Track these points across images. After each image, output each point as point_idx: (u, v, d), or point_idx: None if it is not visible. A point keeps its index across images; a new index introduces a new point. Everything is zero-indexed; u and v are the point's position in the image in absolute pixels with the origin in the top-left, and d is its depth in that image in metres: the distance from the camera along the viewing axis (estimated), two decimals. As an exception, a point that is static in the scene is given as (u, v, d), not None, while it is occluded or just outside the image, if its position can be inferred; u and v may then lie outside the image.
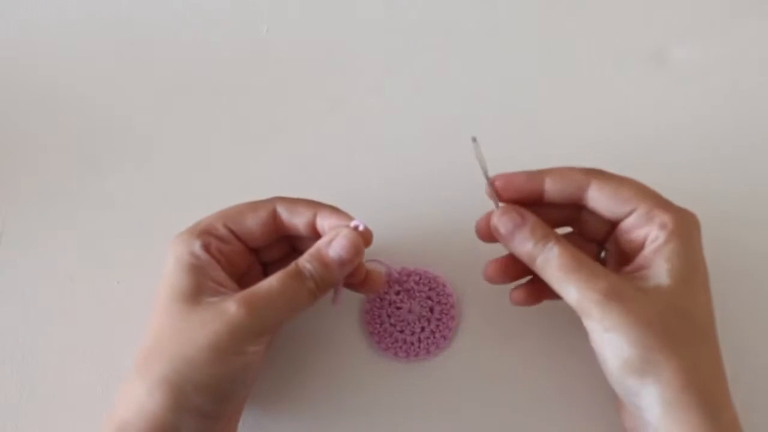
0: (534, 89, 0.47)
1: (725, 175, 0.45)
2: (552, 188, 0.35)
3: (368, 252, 0.37)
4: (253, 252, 0.38)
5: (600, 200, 0.35)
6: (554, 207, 0.36)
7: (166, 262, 0.35)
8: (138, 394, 0.32)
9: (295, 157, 0.45)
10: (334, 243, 0.35)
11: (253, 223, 0.37)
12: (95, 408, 0.39)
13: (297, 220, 0.37)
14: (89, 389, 0.40)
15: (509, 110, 0.46)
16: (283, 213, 0.37)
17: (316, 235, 0.37)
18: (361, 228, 0.36)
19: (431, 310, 0.41)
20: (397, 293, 0.41)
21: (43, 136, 0.45)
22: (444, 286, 0.41)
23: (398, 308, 0.41)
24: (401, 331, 0.40)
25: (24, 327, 0.41)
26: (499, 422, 0.40)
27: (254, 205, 0.37)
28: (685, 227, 0.33)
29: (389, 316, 0.41)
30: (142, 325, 0.40)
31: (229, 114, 0.46)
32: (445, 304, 0.41)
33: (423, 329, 0.41)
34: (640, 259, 0.34)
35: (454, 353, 0.41)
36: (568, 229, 0.38)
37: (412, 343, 0.40)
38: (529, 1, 0.49)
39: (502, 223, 0.35)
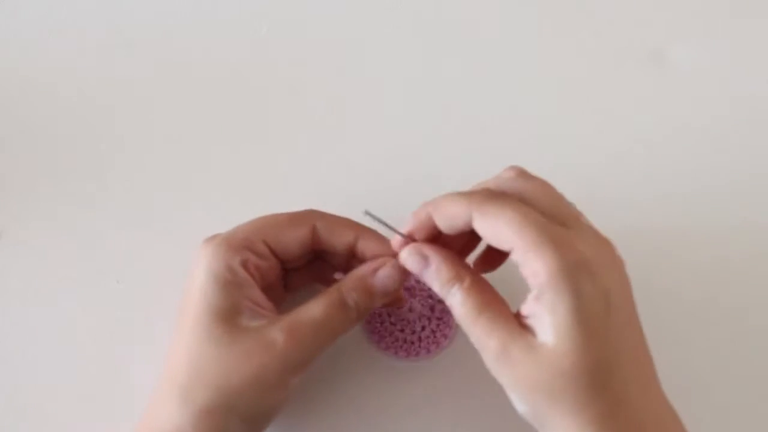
0: (534, 89, 0.47)
1: (725, 174, 0.45)
2: (443, 225, 0.32)
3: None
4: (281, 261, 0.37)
5: (484, 234, 0.31)
6: (457, 237, 0.34)
7: (197, 271, 0.34)
8: (178, 420, 0.32)
9: (295, 157, 0.45)
10: (380, 274, 0.35)
11: (292, 240, 0.35)
12: (95, 408, 0.39)
13: (337, 241, 0.36)
14: (89, 389, 0.40)
15: (509, 110, 0.46)
16: (323, 231, 0.36)
17: (351, 254, 0.36)
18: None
19: (432, 308, 0.41)
20: (398, 292, 0.41)
21: (43, 136, 0.45)
22: (444, 285, 0.41)
23: (399, 307, 0.41)
24: (402, 330, 0.40)
25: (24, 327, 0.41)
26: (500, 422, 0.40)
27: (293, 220, 0.36)
28: (563, 273, 0.29)
29: (390, 315, 0.41)
30: (142, 324, 0.41)
31: (229, 114, 0.46)
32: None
33: (423, 328, 0.40)
34: (528, 300, 0.31)
35: (455, 352, 0.41)
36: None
37: (413, 342, 0.40)
38: (529, 1, 0.49)
39: (409, 263, 0.34)
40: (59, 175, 0.44)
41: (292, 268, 0.38)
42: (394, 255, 0.35)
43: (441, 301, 0.41)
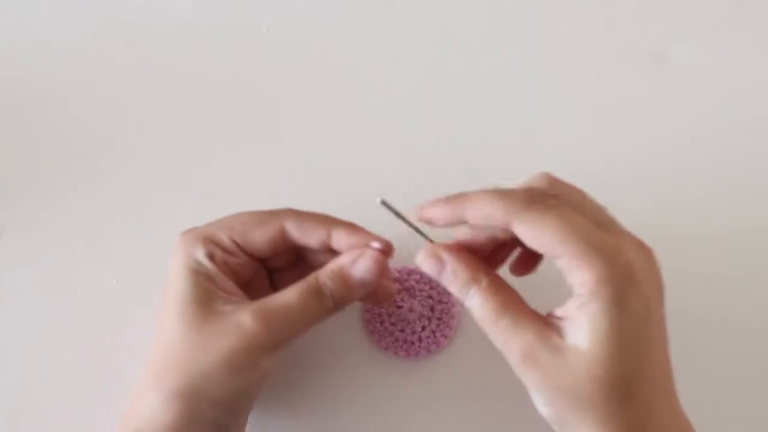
0: (534, 89, 0.47)
1: (725, 175, 0.45)
2: (475, 222, 0.31)
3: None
4: (258, 260, 0.37)
5: (527, 240, 0.30)
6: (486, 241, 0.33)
7: (173, 262, 0.35)
8: (152, 405, 0.32)
9: (295, 157, 0.45)
10: (358, 264, 0.34)
11: (260, 239, 0.35)
12: (95, 408, 0.39)
13: (309, 239, 0.35)
14: (89, 389, 0.40)
15: (509, 110, 0.46)
16: (293, 230, 0.35)
17: (329, 251, 0.36)
18: (379, 247, 0.34)
19: (432, 309, 0.41)
20: (398, 292, 0.41)
21: (43, 136, 0.45)
22: (445, 285, 0.41)
23: (399, 307, 0.41)
24: (402, 330, 0.40)
25: (24, 327, 0.41)
26: (500, 421, 0.40)
27: (261, 218, 0.35)
28: (611, 283, 0.28)
29: (390, 315, 0.41)
30: (142, 324, 0.41)
31: (229, 113, 0.46)
32: (446, 303, 0.41)
33: (423, 328, 0.40)
34: (568, 305, 0.30)
35: (455, 352, 0.41)
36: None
37: (413, 342, 0.40)
38: (529, 1, 0.49)
39: (426, 266, 0.33)
40: (59, 175, 0.44)
41: (276, 267, 0.38)
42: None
43: (441, 302, 0.41)
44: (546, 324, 0.30)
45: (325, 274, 0.34)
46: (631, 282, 0.28)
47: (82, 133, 0.46)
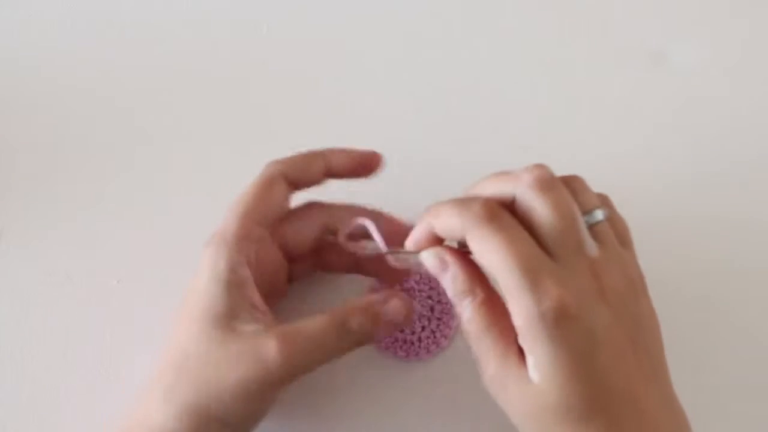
0: (534, 89, 0.47)
1: (725, 175, 0.45)
2: (443, 235, 0.32)
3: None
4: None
5: (476, 257, 0.30)
6: None
7: (200, 273, 0.34)
8: (162, 418, 0.32)
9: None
10: (391, 304, 0.34)
11: (302, 239, 0.36)
12: (95, 408, 0.39)
13: (311, 175, 0.36)
14: (89, 389, 0.40)
15: (509, 110, 0.46)
16: (295, 174, 0.36)
17: (348, 237, 0.36)
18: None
19: (431, 309, 0.41)
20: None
21: (43, 136, 0.45)
22: (444, 285, 0.41)
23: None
24: (401, 331, 0.40)
25: (24, 327, 0.41)
26: (500, 422, 0.40)
27: (299, 218, 0.37)
28: (538, 321, 0.28)
29: (389, 316, 0.41)
30: (142, 324, 0.41)
31: (229, 113, 0.46)
32: (446, 303, 0.41)
33: (423, 328, 0.40)
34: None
35: (455, 352, 0.41)
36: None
37: (413, 343, 0.40)
38: (529, 1, 0.49)
39: (428, 263, 0.33)
40: (59, 175, 0.44)
41: (299, 256, 0.38)
42: (364, 168, 0.36)
43: (440, 302, 0.41)
44: (518, 351, 0.30)
45: (353, 308, 0.34)
46: (559, 318, 0.28)
47: (82, 133, 0.46)
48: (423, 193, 0.44)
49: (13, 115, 0.46)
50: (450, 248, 0.32)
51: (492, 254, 0.29)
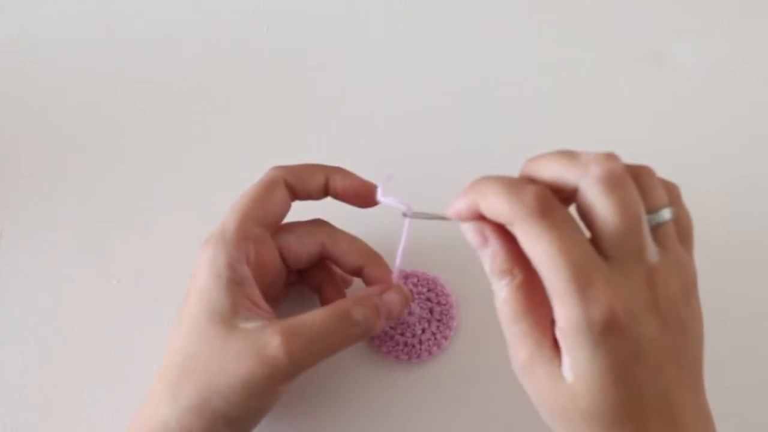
0: (534, 89, 0.47)
1: (725, 175, 0.45)
2: (489, 216, 0.30)
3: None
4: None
5: (524, 249, 0.29)
6: None
7: (199, 271, 0.34)
8: (167, 418, 0.32)
9: (295, 157, 0.45)
10: (387, 296, 0.35)
11: (302, 249, 0.37)
12: (96, 408, 0.39)
13: (310, 187, 0.36)
14: (90, 389, 0.40)
15: (509, 110, 0.46)
16: (295, 183, 0.36)
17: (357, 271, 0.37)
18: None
19: (431, 311, 0.41)
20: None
21: (43, 137, 0.45)
22: (443, 287, 0.41)
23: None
24: (402, 334, 0.40)
25: (24, 327, 0.41)
26: (501, 422, 0.40)
27: (302, 231, 0.37)
28: (583, 330, 0.27)
29: (389, 319, 0.41)
30: (142, 324, 0.41)
31: (229, 113, 0.46)
32: (445, 304, 0.41)
33: (423, 331, 0.40)
34: (557, 330, 0.29)
35: (455, 353, 0.41)
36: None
37: (414, 345, 0.40)
38: (529, 1, 0.49)
39: (468, 236, 0.31)
40: (60, 175, 0.44)
41: (290, 264, 0.38)
42: (361, 198, 0.37)
43: (440, 303, 0.41)
44: (553, 343, 0.29)
45: (354, 300, 0.34)
46: (605, 328, 0.27)
47: (82, 133, 0.45)
48: (423, 193, 0.44)
49: (13, 116, 0.46)
50: (492, 223, 0.30)
51: (541, 251, 0.27)
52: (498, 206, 0.28)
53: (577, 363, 0.28)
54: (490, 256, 0.30)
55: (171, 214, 0.43)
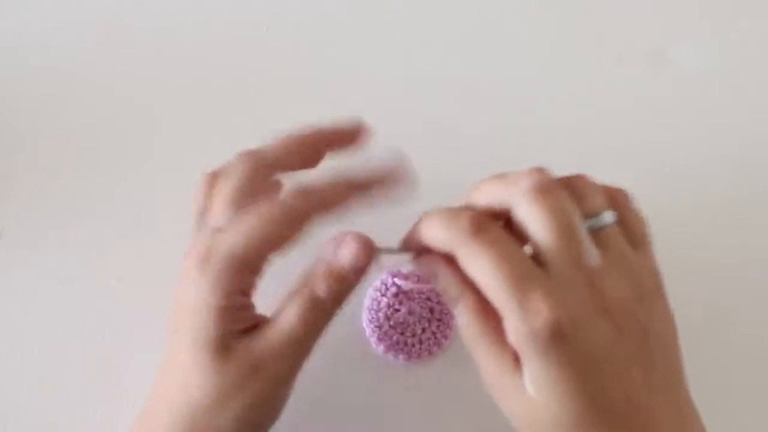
0: (534, 89, 0.47)
1: (725, 175, 0.45)
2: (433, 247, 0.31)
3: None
4: None
5: (469, 274, 0.29)
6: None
7: (187, 290, 0.32)
8: None
9: (295, 157, 0.45)
10: (343, 253, 0.32)
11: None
12: (95, 408, 0.39)
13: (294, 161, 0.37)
14: (89, 389, 0.40)
15: (509, 110, 0.46)
16: (282, 159, 0.36)
17: None
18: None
19: (431, 310, 0.41)
20: (396, 295, 0.41)
21: (43, 136, 0.45)
22: (443, 286, 0.41)
23: (397, 310, 0.41)
24: (402, 333, 0.40)
25: (24, 327, 0.41)
26: (501, 422, 0.40)
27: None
28: (531, 341, 0.27)
29: (389, 318, 0.41)
30: (141, 325, 0.41)
31: (229, 114, 0.46)
32: (444, 304, 0.41)
33: (424, 330, 0.40)
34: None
35: (456, 352, 0.41)
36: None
37: (414, 345, 0.40)
38: (529, 1, 0.49)
39: (420, 272, 0.32)
40: (59, 175, 0.44)
41: None
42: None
43: (439, 303, 0.41)
44: (515, 357, 0.29)
45: (315, 278, 0.32)
46: (552, 337, 0.27)
47: (81, 133, 0.46)
48: (423, 194, 0.44)
49: (13, 116, 0.46)
50: (439, 255, 0.31)
51: (480, 270, 0.28)
52: (439, 234, 0.30)
53: (533, 374, 0.28)
54: (443, 286, 0.31)
55: (171, 213, 0.43)
